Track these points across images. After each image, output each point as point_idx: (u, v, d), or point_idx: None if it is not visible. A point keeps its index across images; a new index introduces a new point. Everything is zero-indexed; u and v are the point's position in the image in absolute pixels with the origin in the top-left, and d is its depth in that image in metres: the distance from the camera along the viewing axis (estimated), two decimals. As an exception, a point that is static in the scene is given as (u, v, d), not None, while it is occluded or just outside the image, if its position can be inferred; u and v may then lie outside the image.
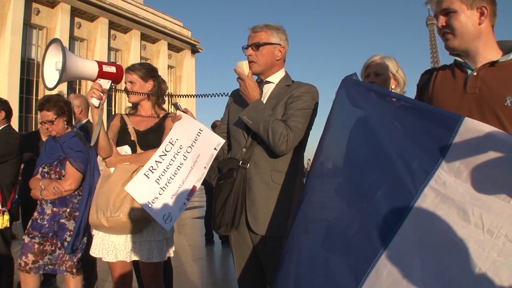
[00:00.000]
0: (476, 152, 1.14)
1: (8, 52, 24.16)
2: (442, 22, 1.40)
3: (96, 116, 1.77)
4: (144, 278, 2.17)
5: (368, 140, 1.39)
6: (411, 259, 1.20)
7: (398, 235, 1.21)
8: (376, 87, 1.58)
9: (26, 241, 2.48)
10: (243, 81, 1.79)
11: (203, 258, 5.07)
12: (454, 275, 1.13)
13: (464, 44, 1.39)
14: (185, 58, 37.06)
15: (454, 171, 1.18)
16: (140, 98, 2.22)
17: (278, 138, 1.69)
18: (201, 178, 1.87)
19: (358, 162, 1.41)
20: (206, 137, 1.86)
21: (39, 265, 2.44)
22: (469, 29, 1.37)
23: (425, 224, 1.19)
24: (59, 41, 1.54)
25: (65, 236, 2.48)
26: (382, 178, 1.31)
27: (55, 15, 27.26)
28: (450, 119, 1.19)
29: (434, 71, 1.57)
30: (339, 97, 1.52)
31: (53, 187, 2.45)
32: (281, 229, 1.73)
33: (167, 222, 1.88)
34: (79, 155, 2.54)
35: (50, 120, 2.55)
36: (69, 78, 1.56)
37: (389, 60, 2.16)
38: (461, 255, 1.12)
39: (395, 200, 1.25)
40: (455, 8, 1.36)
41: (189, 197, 1.89)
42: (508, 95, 1.29)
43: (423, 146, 1.24)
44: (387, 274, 1.21)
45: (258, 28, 1.87)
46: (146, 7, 33.82)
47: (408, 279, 1.19)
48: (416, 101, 1.42)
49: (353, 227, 1.35)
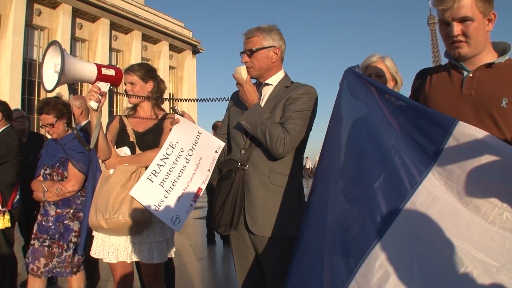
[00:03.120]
0: (468, 156, 1.16)
1: (10, 53, 24.19)
2: (458, 31, 1.33)
3: (95, 119, 1.78)
4: (146, 279, 2.19)
5: (366, 133, 1.41)
6: (403, 252, 1.23)
7: (392, 227, 1.24)
8: (377, 82, 1.58)
9: (36, 246, 2.48)
10: (241, 86, 1.80)
11: (204, 258, 5.07)
12: (443, 272, 1.15)
13: (475, 52, 1.38)
14: (186, 59, 37.02)
15: (446, 173, 1.20)
16: (140, 99, 2.23)
17: (275, 141, 1.69)
18: (206, 180, 1.89)
19: (356, 154, 1.44)
20: (206, 140, 1.87)
21: (49, 268, 2.45)
22: (482, 37, 1.36)
23: (417, 220, 1.22)
24: (58, 43, 1.54)
25: (70, 237, 2.49)
26: (378, 173, 1.33)
27: (56, 16, 27.29)
28: (445, 122, 1.21)
29: (428, 73, 1.57)
30: (342, 88, 1.54)
31: (56, 189, 2.46)
32: (279, 230, 1.74)
33: (176, 224, 1.90)
34: (81, 156, 2.56)
35: (51, 123, 2.56)
36: (67, 80, 1.57)
37: (389, 61, 2.16)
38: (449, 253, 1.15)
39: (390, 195, 1.28)
40: (473, 17, 1.31)
41: (195, 199, 1.91)
42: (504, 97, 1.29)
43: (418, 146, 1.26)
44: (379, 265, 1.24)
45: (250, 34, 1.86)
46: (147, 8, 33.82)
47: (400, 271, 1.21)
48: (413, 102, 1.43)
49: (350, 217, 1.38)
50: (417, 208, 1.22)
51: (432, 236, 1.19)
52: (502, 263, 1.09)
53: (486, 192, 1.14)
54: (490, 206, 1.14)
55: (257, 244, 1.81)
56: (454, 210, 1.18)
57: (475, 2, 1.31)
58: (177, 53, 36.69)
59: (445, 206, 1.19)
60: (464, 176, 1.17)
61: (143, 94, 2.20)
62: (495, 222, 1.12)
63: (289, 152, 1.78)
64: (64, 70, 1.46)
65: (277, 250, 1.76)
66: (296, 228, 1.78)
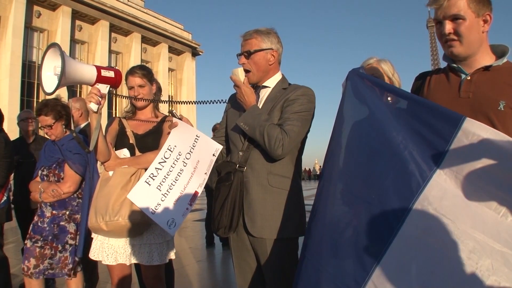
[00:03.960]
0: (477, 151, 1.15)
1: (9, 55, 24.21)
2: (449, 29, 1.36)
3: (94, 121, 1.77)
4: (147, 281, 2.18)
5: (373, 133, 1.40)
6: (419, 248, 1.21)
7: (406, 223, 1.23)
8: (381, 81, 1.58)
9: (28, 246, 2.49)
10: (239, 88, 1.81)
11: (204, 260, 5.07)
12: (461, 264, 1.14)
13: (468, 52, 1.38)
14: (186, 61, 37.09)
15: (456, 168, 1.19)
16: (148, 103, 2.23)
17: (274, 143, 1.69)
18: (203, 183, 1.88)
19: (364, 154, 1.43)
20: (203, 143, 1.87)
21: (39, 270, 2.44)
22: (476, 37, 1.36)
23: (431, 214, 1.21)
24: (57, 46, 1.54)
25: (67, 239, 2.49)
26: (388, 171, 1.32)
27: (56, 18, 27.34)
28: (454, 117, 1.20)
29: (427, 75, 1.58)
30: (346, 90, 1.54)
31: (51, 190, 2.46)
32: (278, 231, 1.74)
33: (171, 227, 1.89)
34: (78, 158, 2.55)
35: (49, 124, 2.57)
36: (68, 83, 1.57)
37: (385, 63, 2.16)
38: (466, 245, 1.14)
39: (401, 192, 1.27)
40: (465, 16, 1.33)
41: (192, 202, 1.90)
42: (501, 100, 1.30)
43: (426, 142, 1.25)
44: (395, 263, 1.23)
45: (248, 36, 1.87)
46: (147, 10, 33.89)
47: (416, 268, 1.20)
48: (420, 98, 1.42)
49: (362, 217, 1.36)
50: (430, 202, 1.21)
51: (448, 229, 1.17)
52: None
53: (497, 187, 1.13)
54: (500, 201, 1.13)
55: (256, 246, 1.81)
56: (465, 204, 1.17)
57: (467, 1, 1.33)
58: (176, 55, 36.76)
59: (457, 200, 1.18)
60: (473, 171, 1.16)
61: (149, 97, 2.21)
62: (507, 215, 1.12)
63: (287, 154, 1.77)
64: (64, 72, 1.46)
65: (276, 252, 1.75)
66: (295, 229, 1.79)
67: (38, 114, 2.58)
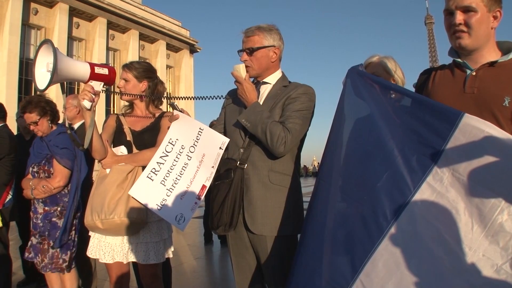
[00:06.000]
0: (475, 148, 1.15)
1: (6, 52, 24.08)
2: (460, 20, 1.36)
3: (88, 119, 1.75)
4: (144, 279, 2.16)
5: (369, 132, 1.41)
6: (406, 251, 1.23)
7: (394, 227, 1.25)
8: (381, 79, 1.58)
9: (34, 242, 2.57)
10: (240, 84, 1.80)
11: (202, 257, 5.07)
12: (444, 268, 1.16)
13: (475, 45, 1.38)
14: (184, 58, 36.96)
15: (453, 165, 1.19)
16: (131, 97, 2.20)
17: (276, 140, 1.69)
18: (210, 177, 1.85)
19: (359, 154, 1.44)
20: (208, 136, 1.83)
21: (45, 264, 2.50)
22: (484, 31, 1.36)
23: (420, 218, 1.22)
24: (50, 42, 1.52)
25: (57, 235, 2.51)
26: (381, 173, 1.33)
27: (53, 15, 27.18)
28: (451, 114, 1.20)
29: (432, 71, 1.57)
30: (346, 87, 1.54)
31: (42, 186, 2.48)
32: (278, 228, 1.74)
33: (180, 222, 1.86)
34: (65, 152, 2.56)
35: (34, 121, 2.59)
36: (60, 79, 1.55)
37: (388, 60, 2.14)
38: (450, 251, 1.15)
39: (393, 194, 1.28)
40: (477, 8, 1.33)
41: (200, 196, 1.87)
42: (506, 96, 1.29)
43: (423, 140, 1.26)
44: (383, 264, 1.25)
45: (250, 32, 1.86)
46: (144, 7, 33.73)
47: (402, 270, 1.22)
48: (418, 95, 1.43)
49: (353, 217, 1.38)
50: (419, 207, 1.22)
51: (435, 234, 1.19)
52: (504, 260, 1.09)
53: (493, 184, 1.13)
54: (497, 199, 1.13)
55: (256, 243, 1.80)
56: (458, 207, 1.17)
57: None
58: (174, 52, 36.64)
59: (449, 203, 1.19)
60: (471, 168, 1.16)
61: (135, 93, 2.16)
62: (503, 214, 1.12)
63: (289, 151, 1.78)
64: (56, 69, 1.44)
65: (276, 249, 1.75)
66: (295, 227, 1.79)
67: (23, 112, 2.59)
